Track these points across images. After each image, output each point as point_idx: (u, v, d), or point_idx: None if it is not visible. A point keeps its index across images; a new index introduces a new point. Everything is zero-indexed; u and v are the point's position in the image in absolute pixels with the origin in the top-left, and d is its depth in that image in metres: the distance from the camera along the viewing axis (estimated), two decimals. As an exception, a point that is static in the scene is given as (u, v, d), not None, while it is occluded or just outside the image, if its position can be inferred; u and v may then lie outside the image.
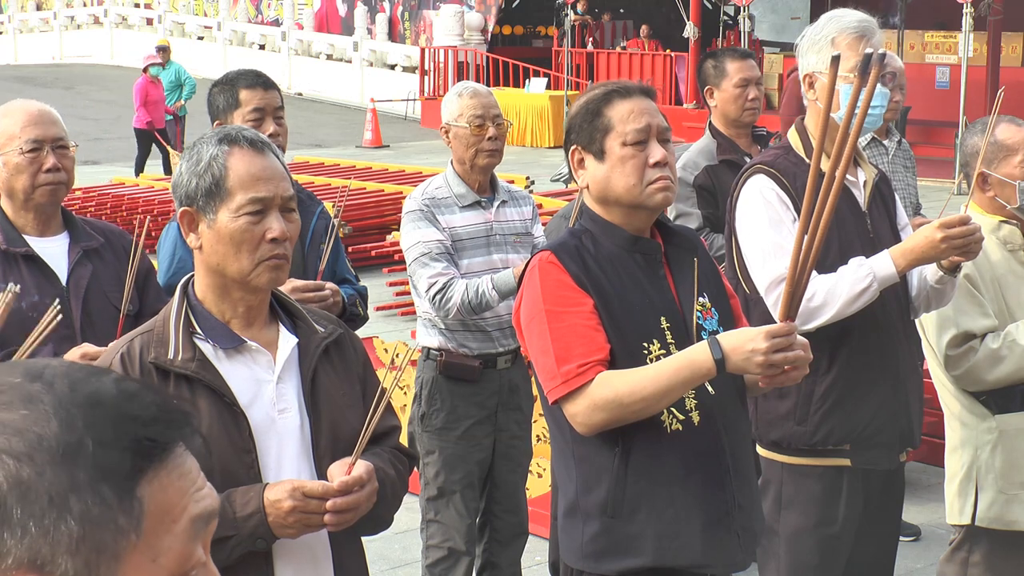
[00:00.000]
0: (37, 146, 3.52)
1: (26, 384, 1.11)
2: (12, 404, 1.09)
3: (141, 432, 1.10)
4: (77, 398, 1.10)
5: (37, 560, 1.05)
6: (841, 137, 2.75)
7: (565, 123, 3.07)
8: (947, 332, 3.89)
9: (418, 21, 29.11)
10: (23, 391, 1.11)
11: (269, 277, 2.48)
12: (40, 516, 1.05)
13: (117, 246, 3.67)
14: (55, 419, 1.08)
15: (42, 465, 1.06)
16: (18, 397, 1.10)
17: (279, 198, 2.49)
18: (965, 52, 17.50)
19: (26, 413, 1.09)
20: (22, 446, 1.07)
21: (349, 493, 2.43)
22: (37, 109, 3.60)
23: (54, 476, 1.06)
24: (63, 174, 3.56)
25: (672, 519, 2.87)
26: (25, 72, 31.82)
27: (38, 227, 3.58)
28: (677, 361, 2.78)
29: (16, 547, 1.05)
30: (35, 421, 1.08)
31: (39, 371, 1.13)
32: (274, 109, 4.01)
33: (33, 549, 1.05)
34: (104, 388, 1.12)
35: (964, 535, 4.07)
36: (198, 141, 2.54)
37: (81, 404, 1.10)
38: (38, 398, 1.10)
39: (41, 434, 1.07)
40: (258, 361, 2.52)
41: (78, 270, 3.56)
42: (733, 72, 5.25)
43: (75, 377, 1.13)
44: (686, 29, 21.45)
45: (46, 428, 1.08)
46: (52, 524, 1.05)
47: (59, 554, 1.05)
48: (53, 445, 1.07)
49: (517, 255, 4.46)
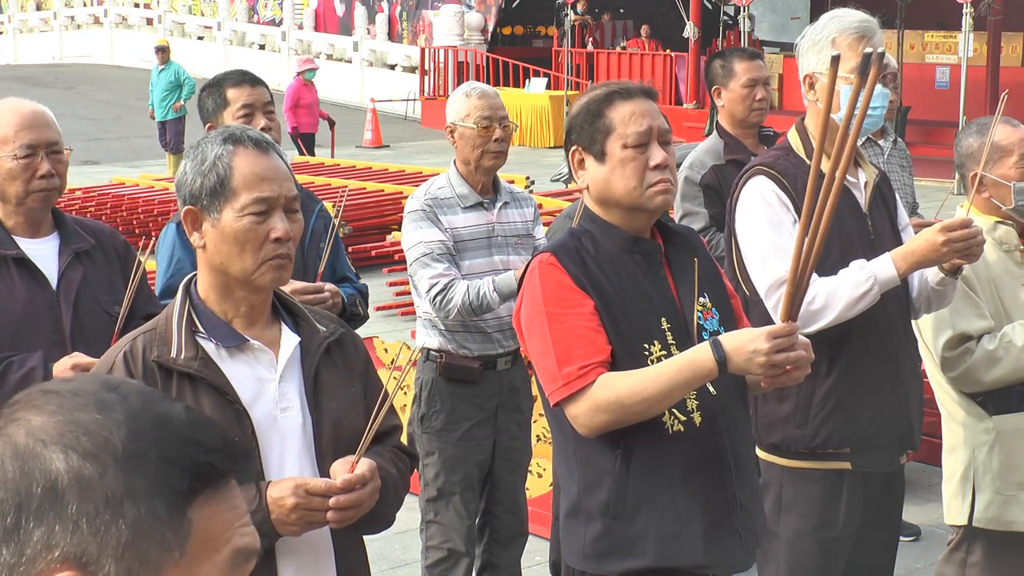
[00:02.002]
0: (31, 152, 3.46)
1: (103, 392, 1.15)
2: (87, 407, 1.13)
3: (203, 457, 1.14)
4: (149, 414, 1.14)
5: (83, 557, 1.07)
6: (841, 138, 2.75)
7: (566, 123, 3.07)
8: (943, 334, 3.89)
9: (416, 21, 29.10)
10: (99, 398, 1.15)
11: (272, 277, 2.49)
12: (94, 515, 1.08)
13: (108, 247, 3.63)
14: (125, 427, 1.12)
15: (105, 466, 1.09)
16: (93, 402, 1.14)
17: (283, 198, 2.49)
18: (965, 52, 17.50)
19: (99, 417, 1.12)
20: (90, 445, 1.10)
21: (352, 491, 2.44)
22: (31, 111, 3.52)
23: (114, 479, 1.09)
24: (56, 180, 3.50)
25: (674, 520, 2.87)
26: (25, 72, 31.81)
27: (28, 229, 3.52)
28: (678, 362, 2.79)
29: (65, 541, 1.07)
30: (105, 425, 1.12)
31: (116, 384, 1.18)
32: (263, 104, 4.01)
33: (81, 546, 1.07)
34: (174, 411, 1.17)
35: (962, 535, 4.08)
36: (202, 140, 2.55)
37: (151, 419, 1.14)
38: (112, 406, 1.14)
39: (109, 438, 1.11)
40: (260, 360, 2.52)
41: (68, 273, 3.51)
42: (741, 72, 5.25)
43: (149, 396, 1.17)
44: (686, 29, 21.44)
45: (115, 433, 1.11)
46: (104, 525, 1.08)
47: (105, 555, 1.08)
48: (119, 450, 1.10)
49: (518, 256, 4.45)
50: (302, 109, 18.02)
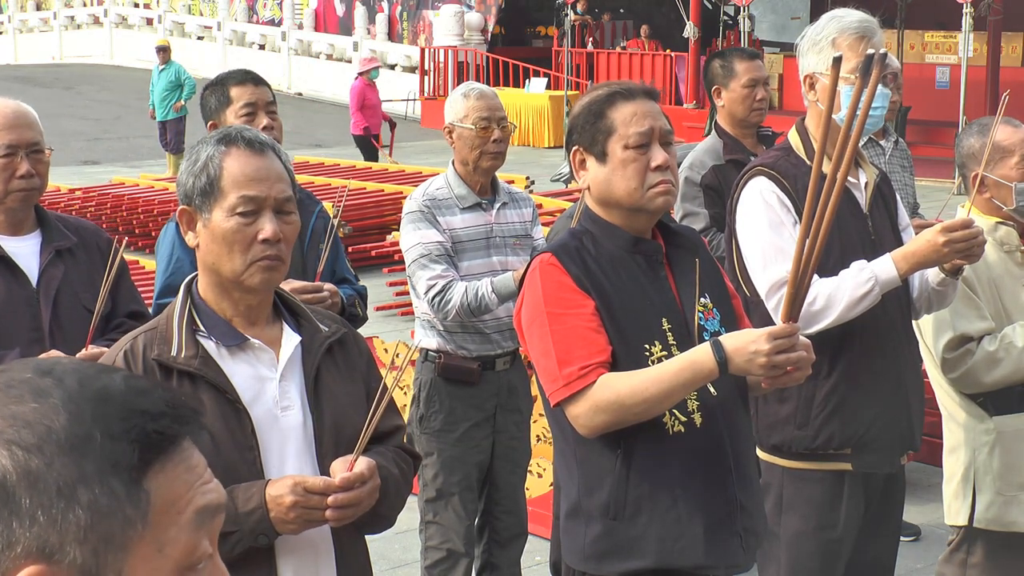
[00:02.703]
0: (11, 151, 3.48)
1: (36, 379, 1.14)
2: (23, 398, 1.12)
3: (149, 425, 1.13)
4: (86, 392, 1.13)
5: (46, 549, 1.07)
6: (843, 139, 2.74)
7: (567, 123, 3.07)
8: (944, 335, 3.89)
9: (416, 21, 29.09)
10: (33, 386, 1.13)
11: (262, 278, 2.48)
12: (48, 506, 1.07)
13: (91, 244, 3.63)
14: (64, 412, 1.11)
15: (51, 456, 1.09)
16: (29, 391, 1.13)
17: (272, 199, 2.49)
18: (965, 52, 17.49)
19: (36, 406, 1.11)
20: (32, 438, 1.09)
21: (350, 489, 2.44)
22: (12, 111, 3.53)
23: (62, 467, 1.09)
24: (36, 180, 3.51)
25: (674, 520, 2.86)
26: (25, 72, 31.80)
27: (10, 227, 3.54)
28: (679, 363, 2.78)
29: (25, 536, 1.07)
30: (44, 414, 1.11)
31: (49, 368, 1.16)
32: (265, 103, 4.02)
33: (42, 538, 1.07)
34: (113, 384, 1.15)
35: (962, 536, 4.08)
36: (200, 141, 2.57)
37: (90, 398, 1.13)
38: (48, 392, 1.12)
39: (50, 426, 1.10)
40: (261, 359, 2.52)
41: (49, 271, 3.52)
42: (742, 72, 5.26)
43: (84, 374, 1.15)
44: (686, 29, 21.44)
45: (55, 420, 1.10)
46: (60, 513, 1.08)
47: (67, 543, 1.08)
48: (62, 437, 1.10)
49: (516, 257, 4.45)
50: (368, 110, 17.70)
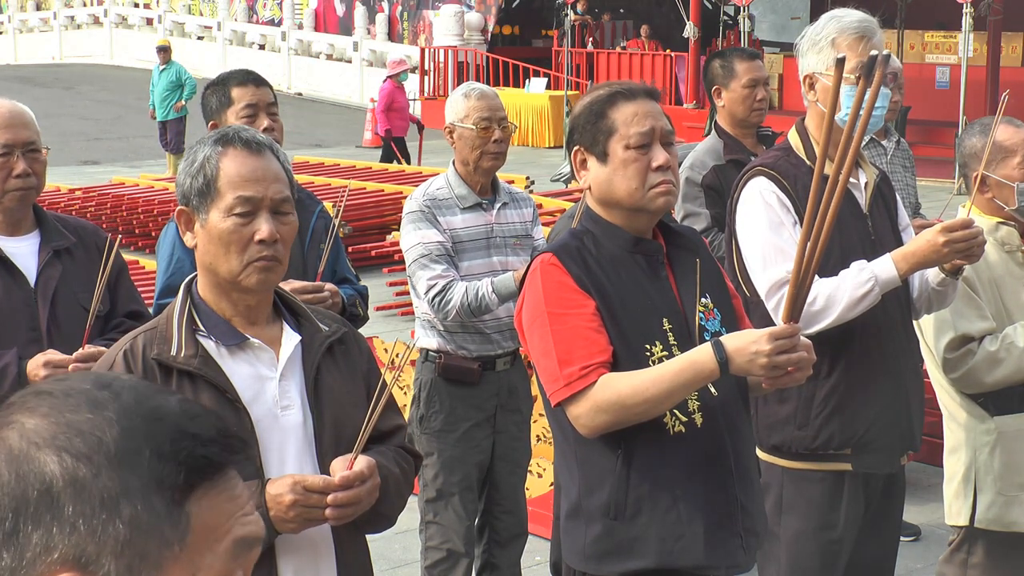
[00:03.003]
0: (7, 151, 3.48)
1: (95, 391, 1.15)
2: (79, 407, 1.13)
3: (198, 450, 1.14)
4: (141, 410, 1.14)
5: (82, 558, 1.08)
6: (844, 140, 2.74)
7: (568, 123, 3.06)
8: (945, 335, 3.89)
9: (417, 21, 29.09)
10: (91, 397, 1.14)
11: (258, 279, 2.48)
12: (90, 515, 1.08)
13: (90, 244, 3.63)
14: (117, 426, 1.12)
15: (99, 467, 1.09)
16: (85, 401, 1.14)
17: (269, 200, 2.49)
18: (965, 52, 17.49)
19: (91, 417, 1.12)
20: (82, 446, 1.10)
21: (350, 488, 2.44)
22: (8, 111, 3.54)
23: (109, 479, 1.09)
24: (33, 179, 3.51)
25: (675, 521, 2.86)
26: (25, 72, 31.80)
27: (8, 227, 3.54)
28: (680, 363, 2.78)
29: (63, 543, 1.08)
30: (98, 425, 1.12)
31: (108, 381, 1.17)
32: (267, 105, 4.02)
33: (80, 547, 1.08)
34: (168, 404, 1.16)
35: (963, 536, 4.07)
36: (198, 142, 2.57)
37: (144, 416, 1.14)
38: (104, 405, 1.13)
39: (102, 438, 1.11)
40: (261, 358, 2.52)
41: (47, 271, 3.52)
42: (742, 72, 5.25)
43: (142, 391, 1.17)
44: (686, 29, 21.44)
45: (107, 433, 1.11)
46: (101, 525, 1.08)
47: (104, 555, 1.08)
48: (112, 449, 1.10)
49: (517, 257, 4.45)
50: (395, 112, 17.62)
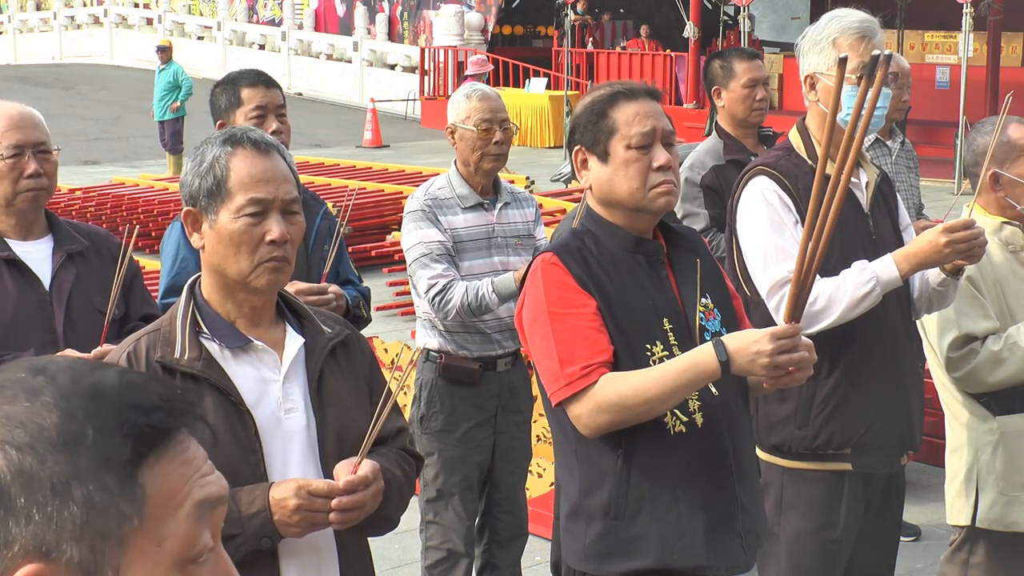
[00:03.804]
0: (18, 151, 3.47)
1: (29, 379, 1.15)
2: (16, 397, 1.13)
3: (141, 420, 1.13)
4: (79, 389, 1.13)
5: (42, 547, 1.07)
6: (846, 140, 2.74)
7: (569, 122, 3.07)
8: (948, 334, 3.89)
9: (417, 21, 29.09)
10: (26, 385, 1.14)
11: (268, 279, 2.48)
12: (43, 504, 1.08)
13: (103, 249, 3.63)
14: (56, 410, 1.11)
15: (43, 454, 1.09)
16: (21, 390, 1.13)
17: (279, 200, 2.49)
18: (965, 52, 17.49)
19: (28, 405, 1.12)
20: (24, 437, 1.10)
21: (354, 492, 2.43)
22: (18, 112, 3.53)
23: (55, 464, 1.09)
24: (44, 179, 3.50)
25: (675, 521, 2.86)
26: (25, 72, 31.79)
27: (21, 231, 3.53)
28: (682, 363, 2.78)
29: (21, 535, 1.08)
30: (37, 413, 1.11)
31: (42, 366, 1.16)
32: (276, 107, 4.03)
33: (38, 536, 1.08)
34: (106, 380, 1.15)
35: (965, 536, 4.08)
36: (204, 142, 2.55)
37: (82, 395, 1.13)
38: (40, 391, 1.13)
39: (42, 424, 1.10)
40: (264, 361, 2.52)
41: (61, 274, 3.51)
42: (742, 72, 5.26)
43: (77, 371, 1.16)
44: (686, 29, 21.44)
45: (47, 418, 1.11)
46: (55, 511, 1.08)
47: (64, 540, 1.08)
48: (54, 435, 1.10)
49: (518, 257, 4.45)
50: None
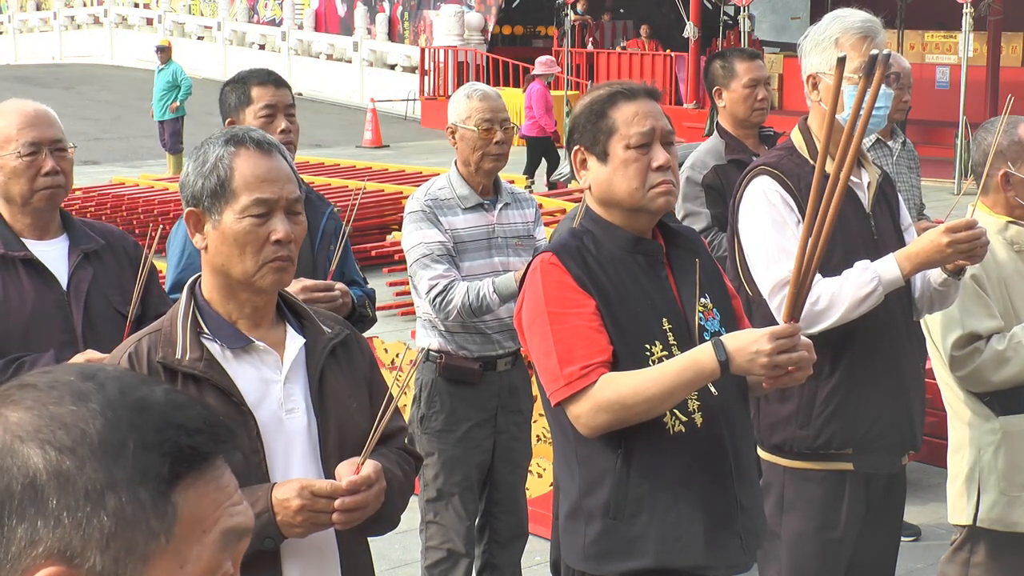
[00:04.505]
0: (35, 149, 3.46)
1: (78, 382, 1.14)
2: (63, 399, 1.12)
3: (183, 440, 1.13)
4: (126, 401, 1.13)
5: (67, 552, 1.07)
6: (845, 139, 2.74)
7: (568, 122, 3.06)
8: (952, 332, 3.89)
9: (418, 21, 29.09)
10: (75, 388, 1.14)
11: (273, 279, 2.48)
12: (75, 508, 1.08)
13: (118, 248, 3.62)
14: (101, 417, 1.11)
15: (83, 459, 1.09)
16: (69, 393, 1.13)
17: (284, 200, 2.48)
18: (965, 52, 17.50)
19: (74, 409, 1.11)
20: (66, 439, 1.10)
21: (357, 492, 2.44)
22: (33, 110, 3.53)
23: (93, 471, 1.09)
24: (61, 177, 3.50)
25: (675, 521, 2.86)
26: (25, 72, 31.79)
27: (36, 230, 3.52)
28: (681, 362, 2.78)
29: (48, 536, 1.07)
30: (82, 417, 1.11)
31: (92, 373, 1.16)
32: (285, 106, 4.03)
33: (64, 540, 1.07)
34: (153, 395, 1.15)
35: (966, 535, 4.07)
36: (206, 142, 2.54)
37: (128, 407, 1.13)
38: (88, 396, 1.13)
39: (86, 430, 1.10)
40: (265, 361, 2.52)
41: (78, 273, 3.50)
42: (742, 73, 5.26)
43: (126, 382, 1.16)
44: (686, 29, 21.44)
45: (91, 425, 1.11)
46: (86, 517, 1.08)
47: (89, 548, 1.07)
48: (95, 441, 1.10)
49: (518, 258, 4.45)
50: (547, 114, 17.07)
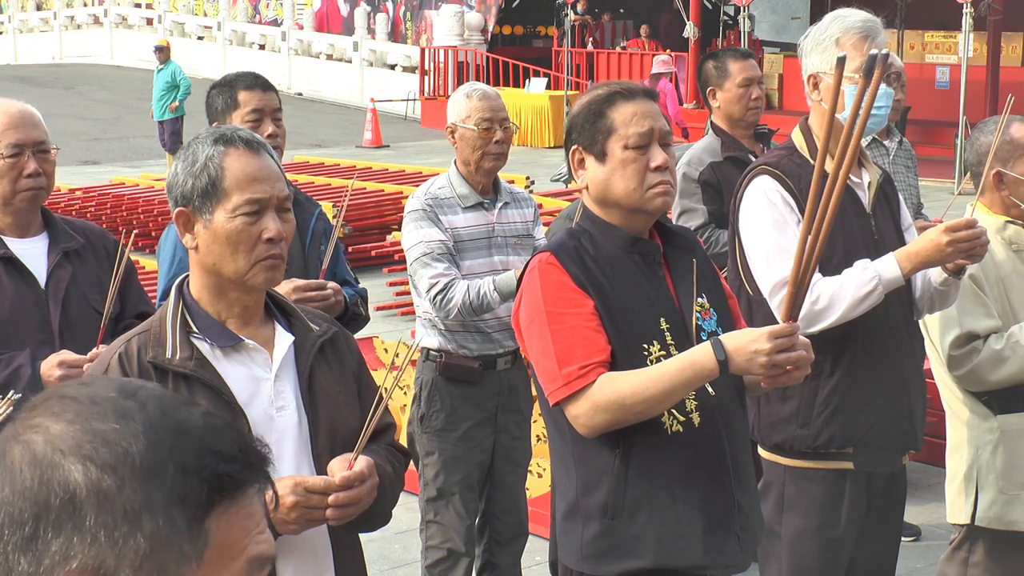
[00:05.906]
0: (18, 151, 3.46)
1: (120, 399, 1.15)
2: (106, 416, 1.12)
3: (221, 467, 1.13)
4: (167, 423, 1.13)
5: (101, 569, 1.07)
6: (845, 138, 2.74)
7: (567, 122, 3.06)
8: (951, 332, 3.89)
9: (419, 21, 29.11)
10: (117, 405, 1.14)
11: (265, 277, 2.48)
12: (112, 527, 1.08)
13: (98, 246, 3.62)
14: (144, 438, 1.11)
15: (123, 479, 1.09)
16: (112, 410, 1.13)
17: (275, 198, 2.49)
18: (965, 52, 17.51)
19: (117, 427, 1.12)
20: (109, 457, 1.10)
21: (351, 488, 2.44)
22: (18, 111, 3.52)
23: (132, 492, 1.09)
24: (43, 179, 3.49)
25: (673, 520, 2.86)
26: (25, 72, 31.81)
27: (17, 229, 3.52)
28: (679, 362, 2.78)
29: (83, 552, 1.07)
30: (124, 436, 1.11)
31: (134, 390, 1.16)
32: (272, 110, 4.01)
33: (99, 558, 1.07)
34: (193, 419, 1.15)
35: (964, 535, 4.07)
36: (193, 141, 2.54)
37: (170, 430, 1.13)
38: (131, 415, 1.13)
39: (128, 450, 1.10)
40: (255, 359, 2.52)
41: (57, 272, 3.50)
42: (736, 72, 5.27)
43: (167, 403, 1.16)
44: (686, 29, 21.45)
45: (134, 445, 1.11)
46: (122, 537, 1.08)
47: (123, 567, 1.07)
48: (137, 462, 1.10)
49: (518, 257, 4.45)
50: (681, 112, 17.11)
